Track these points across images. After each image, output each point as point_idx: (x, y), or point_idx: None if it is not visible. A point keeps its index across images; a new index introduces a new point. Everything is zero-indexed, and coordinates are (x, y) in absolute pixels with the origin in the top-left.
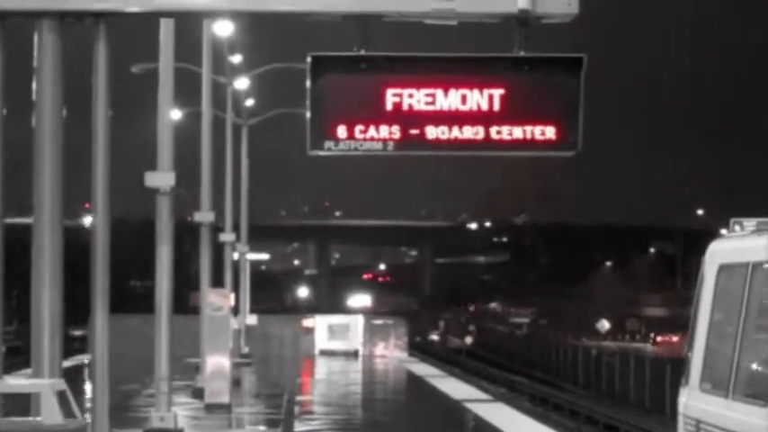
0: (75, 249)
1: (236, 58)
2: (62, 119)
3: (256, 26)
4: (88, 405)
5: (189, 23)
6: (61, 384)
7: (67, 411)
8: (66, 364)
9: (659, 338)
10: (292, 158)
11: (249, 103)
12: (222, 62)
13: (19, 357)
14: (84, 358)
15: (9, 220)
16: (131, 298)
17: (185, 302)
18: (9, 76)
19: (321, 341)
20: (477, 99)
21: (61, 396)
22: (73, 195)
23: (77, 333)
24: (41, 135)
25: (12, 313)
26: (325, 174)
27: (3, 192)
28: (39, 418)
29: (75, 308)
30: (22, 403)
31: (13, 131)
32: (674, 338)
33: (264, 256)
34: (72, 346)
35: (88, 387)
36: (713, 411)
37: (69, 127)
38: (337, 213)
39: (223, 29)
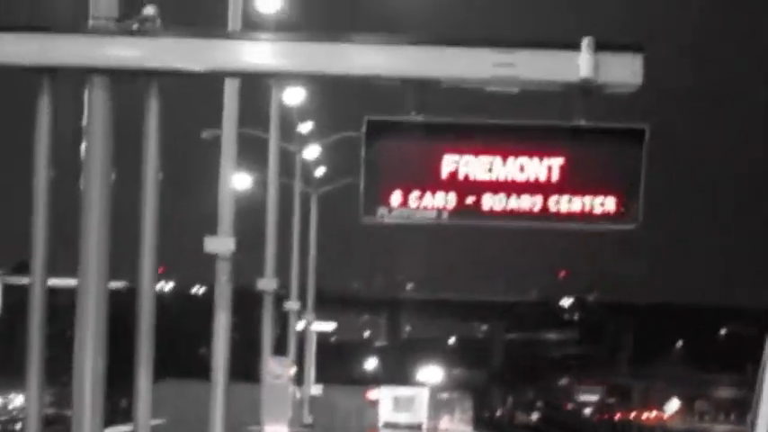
0: (122, 315)
1: (306, 127)
2: (111, 179)
3: (326, 90)
4: None
5: (258, 88)
6: None
7: None
8: None
9: None
10: (364, 228)
11: (319, 171)
12: (292, 128)
13: (51, 427)
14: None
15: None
16: (199, 365)
17: (253, 370)
18: (64, 135)
19: (386, 413)
20: (536, 168)
21: None
22: (124, 258)
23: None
24: (90, 195)
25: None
26: (399, 244)
27: (48, 253)
28: None
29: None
30: None
31: (62, 191)
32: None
33: (330, 326)
34: (116, 417)
35: None
36: None
37: (121, 187)
38: (409, 287)
39: (292, 97)
